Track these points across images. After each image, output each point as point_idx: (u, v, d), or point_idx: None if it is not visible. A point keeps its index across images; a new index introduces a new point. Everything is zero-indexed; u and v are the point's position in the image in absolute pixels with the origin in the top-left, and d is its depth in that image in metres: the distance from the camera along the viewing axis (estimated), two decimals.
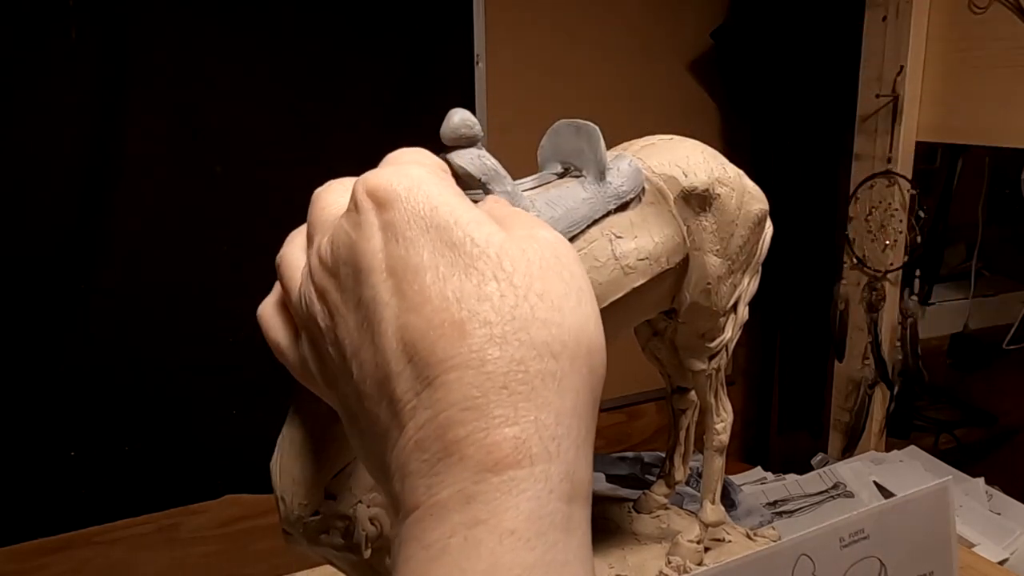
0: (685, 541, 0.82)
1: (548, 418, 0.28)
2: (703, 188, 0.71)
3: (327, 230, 0.33)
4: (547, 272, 0.30)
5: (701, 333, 0.78)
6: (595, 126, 0.67)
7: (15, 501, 1.40)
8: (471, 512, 0.26)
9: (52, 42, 1.31)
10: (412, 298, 0.29)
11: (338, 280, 0.31)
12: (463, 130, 0.58)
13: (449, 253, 0.29)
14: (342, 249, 0.31)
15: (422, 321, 0.28)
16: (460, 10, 1.61)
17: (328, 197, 0.35)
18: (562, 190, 0.65)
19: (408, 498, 0.28)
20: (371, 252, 0.30)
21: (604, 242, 0.66)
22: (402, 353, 0.29)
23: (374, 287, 0.30)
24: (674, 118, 1.92)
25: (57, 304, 1.38)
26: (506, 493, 0.27)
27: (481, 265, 0.29)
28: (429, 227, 0.30)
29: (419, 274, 0.29)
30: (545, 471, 0.27)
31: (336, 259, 0.31)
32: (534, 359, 0.28)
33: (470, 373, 0.27)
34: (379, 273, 0.30)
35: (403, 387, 0.28)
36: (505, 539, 0.26)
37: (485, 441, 0.27)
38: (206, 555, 1.55)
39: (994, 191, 1.90)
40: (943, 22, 1.56)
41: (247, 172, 1.48)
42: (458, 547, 0.26)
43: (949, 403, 2.06)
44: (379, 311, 0.29)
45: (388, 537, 0.57)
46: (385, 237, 0.30)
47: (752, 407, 2.21)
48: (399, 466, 0.28)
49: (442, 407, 0.27)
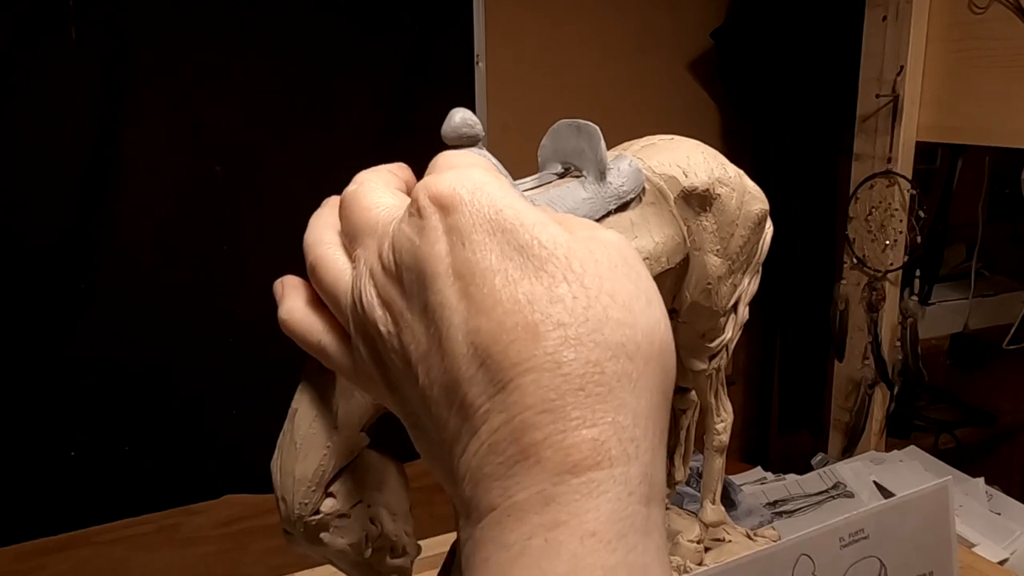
0: (685, 541, 0.82)
1: (626, 420, 0.28)
2: (703, 188, 0.71)
3: (381, 235, 0.32)
4: (616, 273, 0.30)
5: (701, 333, 0.78)
6: (595, 126, 0.67)
7: (15, 501, 1.40)
8: (551, 514, 0.26)
9: (52, 42, 1.31)
10: (482, 301, 0.29)
11: (402, 287, 0.31)
12: (464, 129, 0.58)
13: (517, 256, 0.29)
14: (405, 255, 0.31)
15: (493, 324, 0.28)
16: (460, 10, 1.61)
17: (370, 198, 0.35)
18: (562, 190, 0.65)
19: (482, 500, 0.28)
20: (437, 257, 0.30)
21: None
22: (473, 357, 0.28)
23: (441, 292, 0.29)
24: (674, 118, 1.92)
25: (57, 304, 1.38)
26: (586, 495, 0.27)
27: (551, 267, 0.29)
28: (495, 230, 0.29)
29: (488, 277, 0.29)
30: (624, 473, 0.27)
31: (400, 265, 0.31)
32: (609, 360, 0.28)
33: (546, 376, 0.27)
34: (446, 278, 0.29)
35: (475, 391, 0.28)
36: (586, 540, 0.26)
37: (563, 443, 0.27)
38: (206, 555, 1.55)
39: (994, 191, 1.90)
40: (943, 22, 1.56)
41: (247, 172, 1.48)
42: (539, 548, 0.26)
43: (949, 403, 2.06)
44: (447, 316, 0.29)
45: (388, 537, 0.57)
46: (450, 241, 0.30)
47: (752, 407, 2.21)
48: (472, 469, 0.28)
49: (517, 410, 0.27)
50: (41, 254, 1.36)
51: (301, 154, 1.50)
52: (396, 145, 1.56)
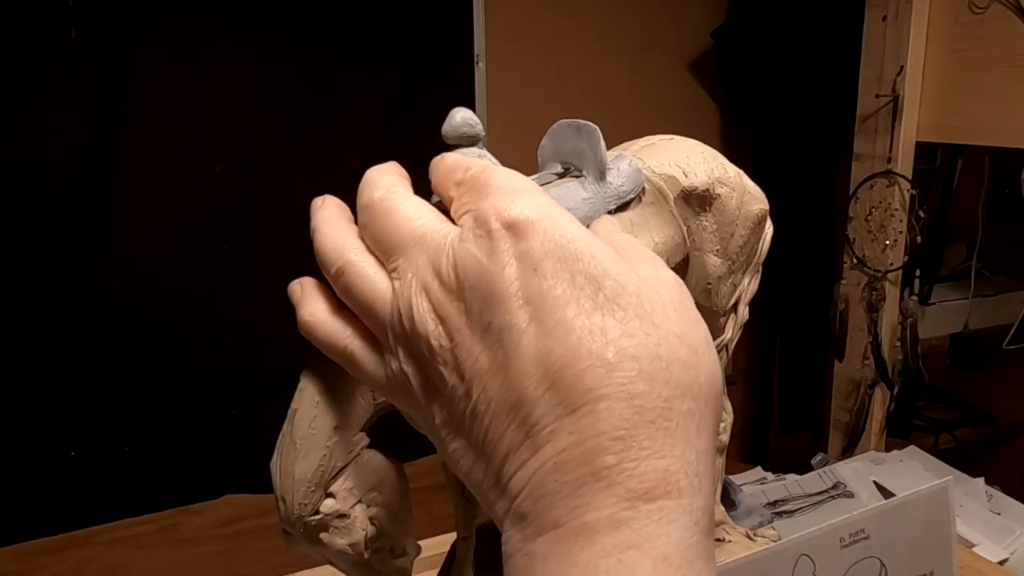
0: None
1: (691, 455, 0.29)
2: (703, 188, 0.71)
3: (434, 249, 0.32)
4: (680, 315, 0.31)
5: None
6: (595, 126, 0.67)
7: (15, 501, 1.40)
8: (623, 536, 0.28)
9: (52, 42, 1.31)
10: (554, 327, 0.29)
11: (464, 304, 0.31)
12: (465, 129, 0.58)
13: (588, 287, 0.30)
14: (471, 274, 0.31)
15: (567, 350, 0.29)
16: (460, 10, 1.61)
17: (405, 209, 0.34)
18: (562, 190, 0.65)
19: (544, 516, 0.29)
20: (507, 280, 0.30)
21: None
22: (542, 379, 0.29)
23: (509, 313, 0.30)
24: (674, 118, 1.92)
25: (57, 304, 1.38)
26: (657, 521, 0.28)
27: (623, 302, 0.30)
28: (566, 259, 0.30)
29: (560, 305, 0.29)
30: (691, 504, 0.29)
31: (462, 284, 0.31)
32: (678, 399, 0.29)
33: (620, 405, 0.28)
34: (515, 300, 0.30)
35: (541, 410, 0.29)
36: (659, 564, 0.27)
37: (636, 470, 0.28)
38: (206, 555, 1.55)
39: (994, 191, 1.90)
40: (943, 22, 1.56)
41: (247, 172, 1.48)
42: (612, 568, 0.27)
43: (949, 403, 2.06)
44: (514, 337, 0.30)
45: (388, 537, 0.57)
46: (521, 267, 0.30)
47: (752, 407, 2.21)
48: (532, 485, 0.29)
49: (591, 434, 0.28)
50: (41, 254, 1.36)
51: (301, 154, 1.50)
52: (396, 145, 1.56)
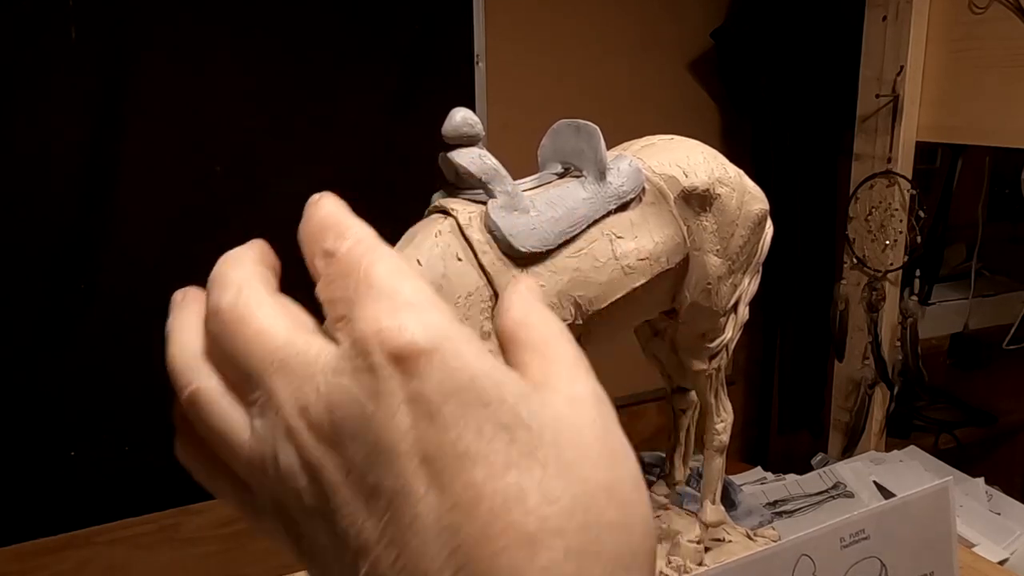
0: (685, 541, 0.82)
1: None
2: (703, 188, 0.71)
3: (298, 379, 0.26)
4: (607, 452, 0.26)
5: (702, 333, 0.78)
6: (595, 126, 0.67)
7: (15, 501, 1.40)
8: None
9: (52, 42, 1.31)
10: (460, 495, 0.24)
11: (342, 456, 0.25)
12: (465, 129, 0.58)
13: (499, 438, 0.24)
14: (349, 421, 0.25)
15: (476, 526, 0.24)
16: (460, 10, 1.61)
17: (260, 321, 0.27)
18: (562, 190, 0.65)
19: None
20: (397, 431, 0.24)
21: (604, 242, 0.66)
22: (447, 562, 0.24)
23: (402, 476, 0.24)
24: (674, 118, 1.92)
25: (57, 304, 1.38)
26: None
27: (542, 455, 0.25)
28: (470, 402, 0.24)
29: (466, 465, 0.24)
30: None
31: (338, 431, 0.25)
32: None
33: None
34: (409, 459, 0.24)
35: None
36: None
37: None
38: (206, 555, 1.55)
39: (994, 191, 1.90)
40: (943, 22, 1.56)
41: (247, 172, 1.48)
42: None
43: (949, 403, 2.06)
44: (411, 507, 0.24)
45: None
46: (414, 413, 0.24)
47: (752, 407, 2.21)
48: None
49: None
50: (41, 254, 1.36)
51: (301, 154, 1.50)
52: (396, 145, 1.56)
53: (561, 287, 0.64)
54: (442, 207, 0.63)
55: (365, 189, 1.56)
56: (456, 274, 0.60)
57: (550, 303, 0.63)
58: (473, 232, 0.61)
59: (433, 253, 0.60)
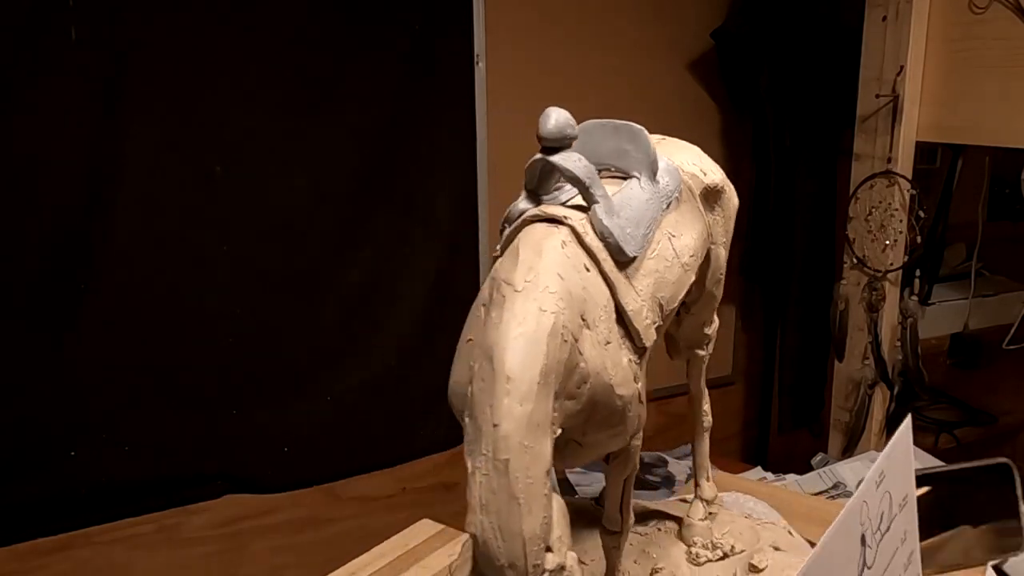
0: (697, 521, 0.86)
1: None
2: (719, 185, 0.75)
3: None
4: None
5: (703, 322, 0.82)
6: (639, 126, 0.65)
7: (15, 501, 1.40)
8: None
9: (52, 42, 1.31)
10: None
11: None
12: (568, 130, 0.56)
13: None
14: None
15: None
16: (460, 10, 1.61)
17: None
18: (624, 193, 0.64)
19: None
20: None
21: (666, 242, 0.67)
22: None
23: None
24: (674, 118, 1.92)
25: (57, 304, 1.38)
26: None
27: None
28: None
29: None
30: None
31: None
32: None
33: None
34: None
35: None
36: None
37: None
38: (206, 555, 1.55)
39: (994, 191, 1.90)
40: (943, 22, 1.56)
41: (247, 172, 1.48)
42: None
43: (949, 403, 2.06)
44: None
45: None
46: None
47: (752, 407, 2.21)
48: None
49: None
50: (41, 254, 1.36)
51: (301, 154, 1.50)
52: (396, 145, 1.56)
53: (650, 290, 0.63)
54: (548, 215, 0.60)
55: (365, 189, 1.56)
56: (592, 285, 0.58)
57: (645, 307, 0.62)
58: (591, 240, 0.59)
59: (567, 265, 0.57)
